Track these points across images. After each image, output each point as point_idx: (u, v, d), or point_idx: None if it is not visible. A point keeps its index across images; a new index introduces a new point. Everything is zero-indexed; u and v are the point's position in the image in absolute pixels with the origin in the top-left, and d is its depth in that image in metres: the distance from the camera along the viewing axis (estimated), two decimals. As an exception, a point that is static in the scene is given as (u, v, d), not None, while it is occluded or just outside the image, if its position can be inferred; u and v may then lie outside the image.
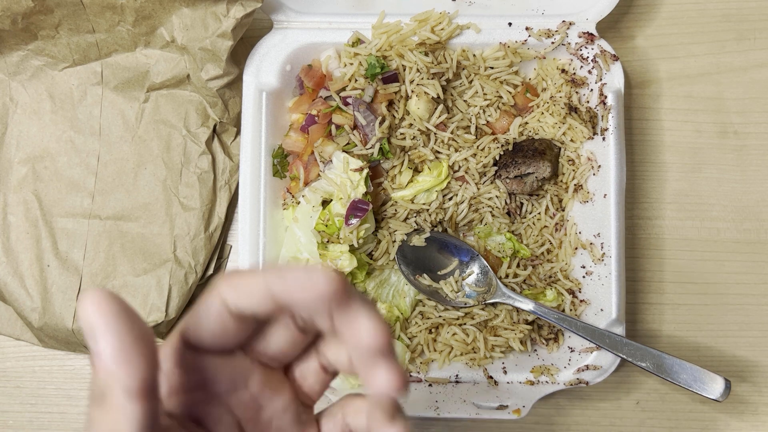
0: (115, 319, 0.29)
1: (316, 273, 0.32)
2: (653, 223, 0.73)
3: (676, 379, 0.59)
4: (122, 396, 0.29)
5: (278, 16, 0.68)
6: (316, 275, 0.32)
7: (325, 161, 0.67)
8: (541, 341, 0.67)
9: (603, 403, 0.71)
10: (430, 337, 0.67)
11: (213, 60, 0.65)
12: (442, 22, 0.67)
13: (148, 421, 0.30)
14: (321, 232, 0.65)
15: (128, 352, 0.29)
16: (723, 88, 0.74)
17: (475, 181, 0.68)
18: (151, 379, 0.30)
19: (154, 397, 0.31)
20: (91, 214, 0.69)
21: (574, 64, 0.69)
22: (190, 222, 0.68)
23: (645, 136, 0.74)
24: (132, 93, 0.70)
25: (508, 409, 0.63)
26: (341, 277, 0.32)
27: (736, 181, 0.73)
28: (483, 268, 0.67)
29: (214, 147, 0.70)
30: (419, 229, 0.67)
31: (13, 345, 0.71)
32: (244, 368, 0.38)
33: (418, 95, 0.66)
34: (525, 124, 0.70)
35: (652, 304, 0.72)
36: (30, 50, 0.68)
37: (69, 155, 0.70)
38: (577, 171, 0.68)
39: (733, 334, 0.71)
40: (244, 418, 0.39)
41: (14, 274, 0.68)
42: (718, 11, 0.75)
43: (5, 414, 0.70)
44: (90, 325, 0.29)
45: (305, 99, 0.69)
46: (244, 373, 0.38)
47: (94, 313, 0.29)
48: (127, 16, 0.65)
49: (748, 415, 0.70)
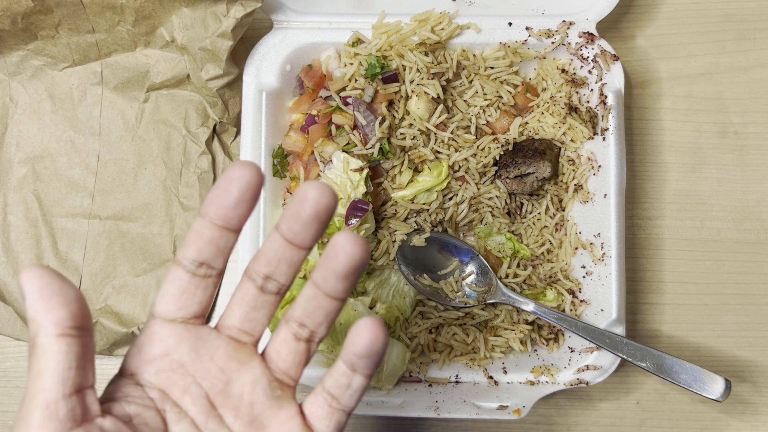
0: (37, 280, 0.34)
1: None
2: (653, 223, 0.73)
3: (676, 380, 0.59)
4: (43, 337, 0.34)
5: (278, 16, 0.68)
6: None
7: (325, 161, 0.67)
8: (541, 341, 0.67)
9: (603, 403, 0.71)
10: (430, 338, 0.67)
11: (213, 60, 0.65)
12: (442, 22, 0.67)
13: (69, 356, 0.34)
14: (321, 232, 0.65)
15: (45, 300, 0.34)
16: (723, 88, 0.74)
17: (475, 181, 0.68)
18: (67, 320, 0.34)
19: (74, 338, 0.35)
20: (91, 214, 0.69)
21: (574, 64, 0.69)
22: (190, 222, 0.68)
23: (645, 136, 0.74)
24: (132, 93, 0.70)
25: (508, 409, 0.63)
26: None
27: (737, 181, 0.73)
28: (483, 268, 0.67)
29: (214, 147, 0.70)
30: (419, 229, 0.67)
31: (13, 345, 0.71)
32: (208, 338, 0.40)
33: (418, 95, 0.66)
34: (525, 124, 0.70)
35: (652, 304, 0.72)
36: (30, 50, 0.68)
37: (69, 155, 0.70)
38: (577, 171, 0.68)
39: (733, 334, 0.71)
40: (213, 390, 0.40)
41: (14, 274, 0.68)
42: (718, 11, 0.75)
43: (5, 414, 0.70)
44: (22, 288, 0.34)
45: (305, 99, 0.69)
46: (209, 343, 0.40)
47: (23, 279, 0.34)
48: (127, 16, 0.65)
49: (749, 415, 0.70)
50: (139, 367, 0.39)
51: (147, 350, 0.39)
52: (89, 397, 0.36)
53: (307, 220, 0.38)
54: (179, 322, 0.39)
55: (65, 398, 0.34)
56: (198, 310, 0.40)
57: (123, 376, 0.39)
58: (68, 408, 0.34)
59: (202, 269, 0.39)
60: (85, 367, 0.35)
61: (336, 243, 0.37)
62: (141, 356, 0.39)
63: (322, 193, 0.37)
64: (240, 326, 0.40)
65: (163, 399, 0.39)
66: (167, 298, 0.39)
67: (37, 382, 0.34)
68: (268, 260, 0.39)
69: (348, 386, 0.40)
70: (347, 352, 0.39)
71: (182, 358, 0.39)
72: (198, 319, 0.40)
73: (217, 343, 0.40)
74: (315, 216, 0.37)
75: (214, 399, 0.39)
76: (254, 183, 0.37)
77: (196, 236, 0.39)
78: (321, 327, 0.40)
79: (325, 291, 0.39)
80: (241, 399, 0.40)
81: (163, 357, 0.39)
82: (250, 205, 0.38)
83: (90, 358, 0.36)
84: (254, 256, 0.40)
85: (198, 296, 0.39)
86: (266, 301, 0.40)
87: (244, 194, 0.37)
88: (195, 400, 0.39)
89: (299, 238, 0.38)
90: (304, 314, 0.40)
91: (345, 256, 0.37)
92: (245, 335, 0.40)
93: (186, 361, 0.39)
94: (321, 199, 0.37)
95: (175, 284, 0.39)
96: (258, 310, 0.40)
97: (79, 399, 0.35)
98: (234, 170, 0.37)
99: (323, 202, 0.37)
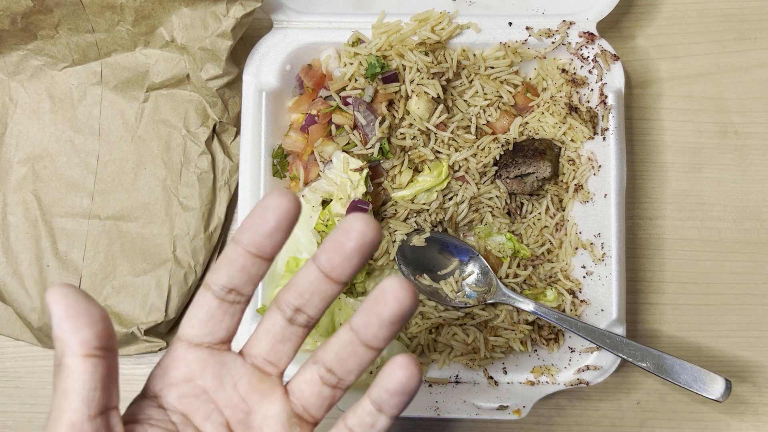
0: (63, 299, 0.34)
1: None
2: (653, 223, 0.73)
3: (677, 380, 0.59)
4: (70, 357, 0.34)
5: (278, 15, 0.68)
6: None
7: (325, 161, 0.66)
8: (541, 341, 0.67)
9: (603, 403, 0.71)
10: (430, 338, 0.67)
11: (213, 60, 0.65)
12: (442, 22, 0.67)
13: (95, 377, 0.35)
14: (321, 232, 0.65)
15: (72, 320, 0.34)
16: (723, 87, 0.74)
17: (475, 181, 0.68)
18: (93, 341, 0.34)
19: (100, 358, 0.35)
20: (91, 214, 0.69)
21: (575, 63, 0.68)
22: (189, 222, 0.68)
23: (645, 136, 0.74)
24: (131, 93, 0.70)
25: (508, 409, 0.63)
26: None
27: (737, 181, 0.73)
28: (483, 268, 0.67)
29: (214, 147, 0.70)
30: (419, 229, 0.67)
31: (12, 345, 0.71)
32: (232, 366, 0.40)
33: (418, 95, 0.66)
34: (525, 124, 0.70)
35: (653, 304, 0.72)
36: (29, 50, 0.68)
37: (68, 155, 0.69)
38: (578, 171, 0.68)
39: (734, 334, 0.71)
40: (233, 419, 0.39)
41: (14, 274, 0.67)
42: (718, 11, 0.75)
43: (5, 414, 0.70)
44: (48, 308, 0.34)
45: (305, 99, 0.69)
46: (233, 371, 0.39)
47: (50, 299, 0.35)
48: (127, 16, 0.65)
49: (749, 415, 0.70)
50: (162, 389, 0.39)
51: (171, 373, 0.39)
52: (113, 418, 0.36)
53: (349, 252, 0.37)
54: (205, 347, 0.39)
55: (90, 419, 0.34)
56: (224, 336, 0.39)
57: (146, 398, 0.39)
58: (93, 429, 0.34)
59: (231, 295, 0.38)
60: (110, 388, 0.35)
61: (385, 287, 0.36)
62: (165, 379, 0.39)
63: (368, 226, 0.36)
64: (265, 357, 0.40)
65: (185, 424, 0.38)
66: (194, 322, 0.39)
67: (63, 402, 0.34)
68: (301, 292, 0.38)
69: (372, 426, 0.38)
70: (378, 389, 0.37)
71: (206, 385, 0.39)
72: (224, 345, 0.40)
73: (241, 372, 0.39)
74: (358, 249, 0.37)
75: (234, 428, 0.39)
76: (291, 213, 0.37)
77: (228, 262, 0.38)
78: (351, 375, 0.39)
79: (365, 338, 0.38)
80: (261, 431, 0.39)
81: (187, 382, 0.39)
82: (285, 234, 0.37)
83: (114, 378, 0.36)
84: (286, 286, 0.39)
85: (225, 322, 0.39)
86: (294, 333, 0.39)
87: (280, 223, 0.37)
88: (216, 427, 0.39)
89: (337, 271, 0.37)
90: (335, 360, 0.39)
91: (395, 302, 0.36)
92: (270, 366, 0.40)
93: (210, 387, 0.39)
94: (367, 232, 0.36)
95: (204, 309, 0.39)
96: (284, 343, 0.39)
97: (103, 420, 0.35)
98: (272, 199, 0.36)
99: (369, 236, 0.36)
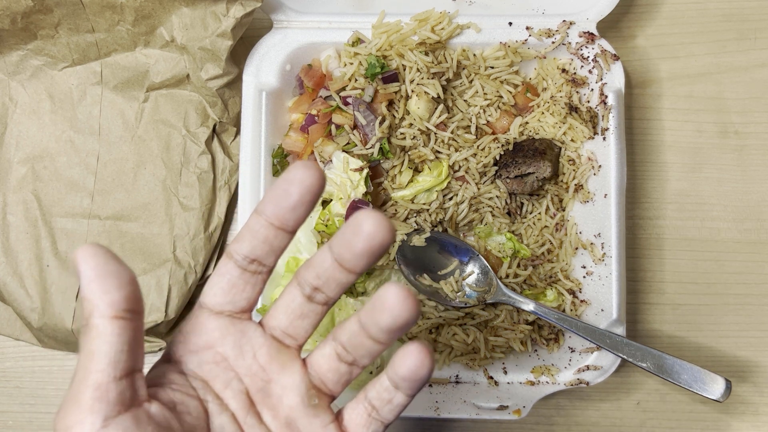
0: (92, 260, 0.34)
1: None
2: (654, 223, 0.73)
3: (677, 380, 0.59)
4: (98, 318, 0.34)
5: (278, 15, 0.68)
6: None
7: (325, 161, 0.66)
8: (541, 341, 0.67)
9: (603, 403, 0.71)
10: (430, 338, 0.67)
11: (213, 60, 0.65)
12: (442, 22, 0.67)
13: (122, 339, 0.34)
14: (321, 232, 0.65)
15: (101, 281, 0.34)
16: (724, 87, 0.74)
17: (475, 181, 0.68)
18: (122, 303, 0.34)
19: (128, 320, 0.34)
20: (91, 214, 0.69)
21: (575, 63, 0.68)
22: (189, 222, 0.68)
23: (645, 136, 0.74)
24: (131, 93, 0.70)
25: (508, 409, 0.63)
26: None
27: (737, 181, 0.73)
28: (483, 268, 0.67)
29: (214, 147, 0.70)
30: (419, 229, 0.67)
31: (12, 345, 0.71)
32: (252, 335, 0.40)
33: (418, 95, 0.66)
34: (525, 124, 0.70)
35: (653, 305, 0.72)
36: (29, 50, 0.68)
37: (68, 155, 0.69)
38: (578, 171, 0.68)
39: (734, 334, 0.71)
40: (253, 387, 0.40)
41: (14, 274, 0.67)
42: (718, 11, 0.75)
43: (5, 414, 0.70)
44: (77, 267, 0.34)
45: (305, 99, 0.69)
46: (253, 340, 0.40)
47: (79, 258, 0.34)
48: (127, 16, 0.65)
49: (749, 415, 0.70)
50: (183, 355, 0.39)
51: (193, 340, 0.39)
52: (138, 381, 0.36)
53: (358, 253, 0.36)
54: (226, 315, 0.39)
55: (116, 381, 0.34)
56: (245, 306, 0.40)
57: (168, 362, 0.39)
58: (118, 391, 0.34)
59: (253, 266, 0.39)
60: (136, 350, 0.35)
61: (385, 298, 0.36)
62: (186, 345, 0.39)
63: (377, 227, 0.35)
64: (284, 330, 0.40)
65: (206, 390, 0.39)
66: (216, 290, 0.39)
67: (89, 363, 0.34)
68: (318, 274, 0.38)
69: (389, 401, 0.39)
70: (392, 372, 0.38)
71: (226, 352, 0.39)
72: (245, 314, 0.40)
73: (261, 341, 0.40)
74: (367, 251, 0.36)
75: (254, 396, 0.40)
76: (315, 187, 0.36)
77: (251, 233, 0.38)
78: (363, 359, 0.40)
79: (370, 333, 0.38)
80: (280, 401, 0.40)
81: (207, 349, 0.39)
82: (308, 208, 0.37)
83: (140, 341, 0.36)
84: (306, 263, 0.39)
85: (247, 292, 0.39)
86: (312, 310, 0.40)
87: (303, 197, 0.36)
88: (236, 394, 0.39)
89: (350, 264, 0.37)
90: (348, 344, 0.39)
91: (389, 315, 0.36)
92: (289, 338, 0.40)
93: (230, 355, 0.39)
94: (376, 235, 0.35)
95: (226, 278, 0.39)
96: (303, 319, 0.40)
97: (128, 382, 0.35)
98: (296, 171, 0.36)
99: (378, 239, 0.35)
